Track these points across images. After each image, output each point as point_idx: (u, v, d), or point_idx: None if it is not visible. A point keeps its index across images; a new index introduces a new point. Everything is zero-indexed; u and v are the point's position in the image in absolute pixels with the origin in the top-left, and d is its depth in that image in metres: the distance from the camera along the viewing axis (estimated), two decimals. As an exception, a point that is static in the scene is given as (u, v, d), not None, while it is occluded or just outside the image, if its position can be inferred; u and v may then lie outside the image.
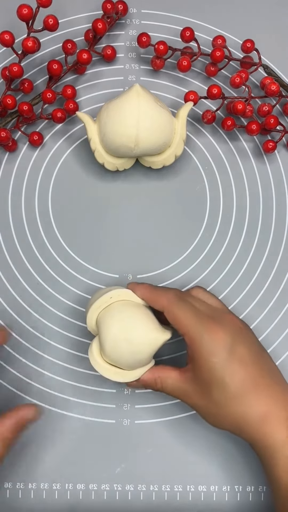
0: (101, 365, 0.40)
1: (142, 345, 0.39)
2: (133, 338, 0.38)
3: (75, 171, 0.48)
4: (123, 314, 0.39)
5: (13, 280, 0.46)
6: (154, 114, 0.42)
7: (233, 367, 0.36)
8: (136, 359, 0.39)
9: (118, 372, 0.40)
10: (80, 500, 0.45)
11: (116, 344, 0.39)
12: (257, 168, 0.48)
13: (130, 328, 0.39)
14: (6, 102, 0.45)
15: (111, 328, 0.39)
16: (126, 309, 0.40)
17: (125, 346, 0.38)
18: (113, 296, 0.40)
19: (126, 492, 0.45)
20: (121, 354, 0.39)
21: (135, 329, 0.39)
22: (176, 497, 0.45)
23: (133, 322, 0.39)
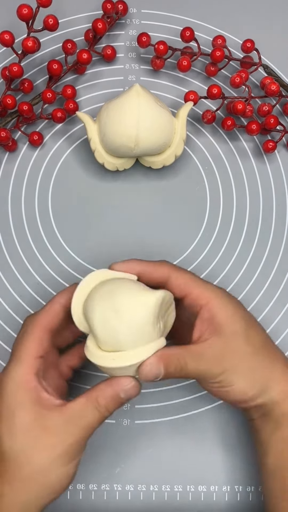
0: (95, 353, 0.35)
1: (132, 310, 0.34)
2: (119, 305, 0.34)
3: (75, 171, 0.48)
4: (104, 288, 0.35)
5: (13, 280, 0.46)
6: (154, 114, 0.42)
7: (254, 330, 0.38)
8: (133, 331, 0.34)
9: (117, 356, 0.34)
10: (80, 500, 0.45)
11: (105, 321, 0.34)
12: (257, 168, 0.48)
13: (113, 297, 0.34)
14: (6, 102, 0.45)
15: (94, 306, 0.35)
16: (106, 284, 0.36)
17: (114, 317, 0.34)
18: (90, 280, 0.37)
19: (126, 492, 0.45)
20: (114, 330, 0.34)
21: (119, 295, 0.34)
22: (176, 497, 0.45)
23: (116, 290, 0.35)
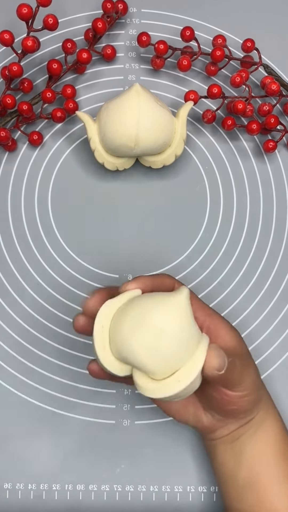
0: (155, 388, 0.31)
1: (171, 321, 0.31)
2: (156, 324, 0.30)
3: (75, 171, 0.47)
4: (127, 319, 0.31)
5: (13, 280, 0.46)
6: (154, 114, 0.42)
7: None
8: (183, 341, 0.31)
9: (181, 375, 0.31)
10: (80, 500, 0.45)
11: (151, 350, 0.30)
12: (258, 167, 0.48)
13: (144, 319, 0.31)
14: (6, 101, 0.44)
15: (130, 341, 0.31)
16: (124, 314, 0.32)
17: (158, 340, 0.30)
18: (103, 322, 0.32)
19: (126, 493, 0.45)
20: (165, 353, 0.30)
21: (149, 315, 0.31)
22: (176, 498, 0.45)
23: (142, 311, 0.31)
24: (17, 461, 0.45)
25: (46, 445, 0.45)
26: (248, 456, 0.38)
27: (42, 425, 0.45)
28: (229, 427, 0.38)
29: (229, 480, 0.39)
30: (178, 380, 0.31)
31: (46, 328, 0.46)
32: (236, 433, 0.38)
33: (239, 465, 0.38)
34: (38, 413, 0.45)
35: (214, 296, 0.47)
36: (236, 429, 0.38)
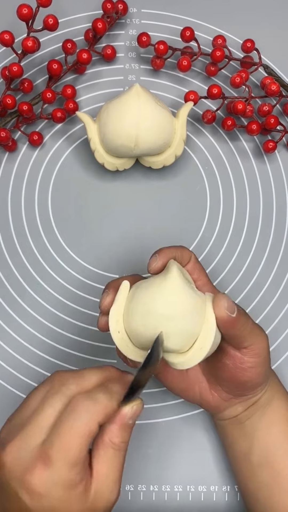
0: (185, 360, 0.34)
1: (174, 300, 0.33)
2: (161, 309, 0.33)
3: (75, 171, 0.47)
4: (135, 315, 0.34)
5: (13, 280, 0.46)
6: (154, 114, 0.42)
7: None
8: (193, 312, 0.33)
9: (202, 342, 0.33)
10: (80, 500, 0.45)
11: (165, 328, 0.33)
12: (257, 168, 0.48)
13: (150, 310, 0.33)
14: (6, 102, 0.44)
15: (147, 330, 0.33)
16: (130, 303, 0.34)
17: (167, 321, 0.33)
18: (116, 323, 0.35)
19: (126, 492, 0.45)
20: (181, 331, 0.33)
21: (153, 303, 0.33)
22: (176, 497, 0.45)
23: (146, 302, 0.33)
24: (17, 461, 0.45)
25: (46, 445, 0.45)
26: (260, 436, 0.39)
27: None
28: (237, 407, 0.39)
29: (242, 459, 0.40)
30: (200, 347, 0.33)
31: (46, 328, 0.46)
32: (245, 415, 0.39)
33: (251, 444, 0.39)
34: (38, 413, 0.45)
35: (214, 296, 0.47)
36: (244, 410, 0.39)
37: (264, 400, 0.39)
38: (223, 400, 0.39)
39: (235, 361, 0.36)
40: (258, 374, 0.37)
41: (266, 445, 0.39)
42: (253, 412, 0.39)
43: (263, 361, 0.37)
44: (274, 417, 0.39)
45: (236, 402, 0.39)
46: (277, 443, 0.39)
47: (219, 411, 0.40)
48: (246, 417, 0.39)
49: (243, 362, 0.36)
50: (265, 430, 0.39)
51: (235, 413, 0.39)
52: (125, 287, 0.35)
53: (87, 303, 0.46)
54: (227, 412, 0.40)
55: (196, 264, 0.38)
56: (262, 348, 0.36)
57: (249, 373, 0.36)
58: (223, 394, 0.39)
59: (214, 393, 0.39)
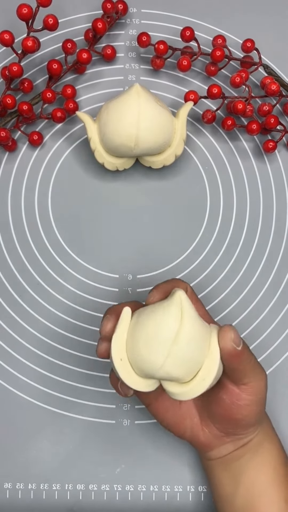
0: (186, 391, 0.33)
1: (180, 327, 0.32)
2: (167, 335, 0.32)
3: (75, 171, 0.47)
4: (139, 344, 0.33)
5: (13, 280, 0.46)
6: (154, 114, 0.42)
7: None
8: (197, 340, 0.32)
9: (206, 373, 0.33)
10: (80, 500, 0.45)
11: (175, 359, 0.32)
12: (257, 168, 0.48)
13: (155, 335, 0.32)
14: (6, 101, 0.44)
15: (155, 358, 0.32)
16: (134, 341, 0.33)
17: (176, 345, 0.32)
18: (119, 350, 0.34)
19: (126, 493, 0.45)
20: (185, 357, 0.32)
21: (158, 330, 0.32)
22: (176, 498, 0.45)
23: (149, 330, 0.33)
24: (17, 461, 0.45)
25: (46, 445, 0.45)
26: (246, 478, 0.38)
27: (42, 425, 0.45)
28: (227, 447, 0.38)
29: (226, 501, 0.39)
30: (203, 379, 0.33)
31: (46, 328, 0.46)
32: (234, 455, 0.38)
33: (237, 487, 0.38)
34: (39, 413, 0.45)
35: (214, 296, 0.47)
36: (234, 450, 0.38)
37: (255, 442, 0.38)
38: (214, 437, 0.38)
39: (232, 397, 0.36)
40: (253, 413, 0.36)
41: (251, 490, 0.38)
42: (242, 454, 0.38)
43: (260, 400, 0.36)
44: (262, 462, 0.38)
45: (227, 441, 0.38)
46: (262, 489, 0.38)
47: (208, 449, 0.39)
48: (234, 459, 0.38)
49: (240, 399, 0.36)
50: (252, 475, 0.38)
51: (224, 453, 0.39)
52: (127, 313, 0.34)
53: (87, 303, 0.46)
54: (216, 451, 0.39)
55: (193, 295, 0.37)
56: (261, 387, 0.36)
57: (244, 411, 0.36)
58: (214, 431, 0.38)
59: (205, 429, 0.38)
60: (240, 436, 0.38)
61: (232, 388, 0.36)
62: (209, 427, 0.38)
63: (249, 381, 0.35)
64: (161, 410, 0.39)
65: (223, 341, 0.33)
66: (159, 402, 0.38)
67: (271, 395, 0.43)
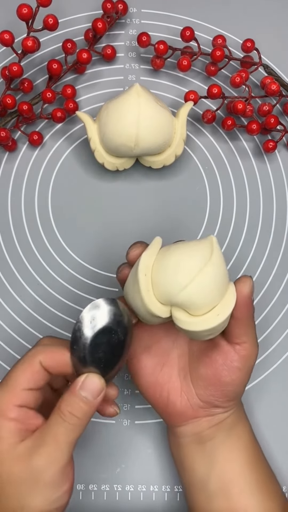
0: (196, 321, 0.34)
1: (213, 260, 0.33)
2: (196, 265, 0.33)
3: (75, 171, 0.47)
4: (170, 262, 0.34)
5: (13, 280, 0.46)
6: (154, 114, 0.42)
7: None
8: (221, 276, 0.34)
9: (220, 309, 0.34)
10: (80, 500, 0.45)
11: (199, 286, 0.33)
12: (257, 167, 0.48)
13: (183, 261, 0.34)
14: (6, 101, 0.44)
15: (179, 280, 0.33)
16: (165, 258, 0.35)
17: (200, 276, 0.33)
18: (146, 267, 0.34)
19: (126, 493, 0.45)
20: (208, 287, 0.33)
21: (187, 260, 0.33)
22: (176, 497, 0.45)
23: (181, 256, 0.34)
24: (17, 461, 0.45)
25: (46, 445, 0.45)
26: (220, 461, 0.38)
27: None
28: (201, 423, 0.38)
29: (198, 485, 0.38)
30: (217, 314, 0.34)
31: (46, 328, 0.46)
32: (208, 434, 0.38)
33: (210, 470, 0.38)
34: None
35: (214, 296, 0.47)
36: (207, 429, 0.38)
37: (228, 423, 0.38)
38: (191, 407, 0.38)
39: (226, 358, 0.36)
40: (239, 380, 0.37)
41: (225, 472, 0.38)
42: (217, 433, 0.38)
43: (249, 368, 0.37)
44: (236, 444, 0.38)
45: (202, 415, 0.38)
46: (237, 472, 0.38)
47: (181, 421, 0.38)
48: (208, 437, 0.38)
49: (233, 360, 0.36)
50: (226, 456, 0.38)
51: (198, 430, 0.38)
52: (158, 241, 0.36)
53: (87, 303, 0.46)
54: (189, 427, 0.38)
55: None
56: (253, 352, 0.37)
57: (234, 375, 0.36)
58: (194, 398, 0.37)
59: (184, 396, 0.38)
60: (217, 411, 0.38)
61: (228, 348, 0.36)
62: (189, 394, 0.38)
63: (245, 341, 0.36)
64: (143, 365, 0.38)
65: (243, 285, 0.35)
66: (144, 357, 0.38)
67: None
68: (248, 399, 0.45)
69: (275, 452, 0.45)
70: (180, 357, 0.39)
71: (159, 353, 0.38)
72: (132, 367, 0.38)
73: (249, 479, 0.38)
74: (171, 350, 0.39)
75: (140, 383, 0.38)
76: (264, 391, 0.46)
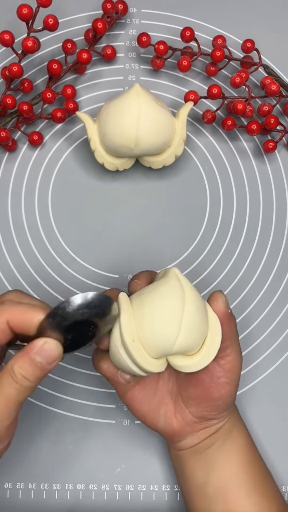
0: (193, 363, 0.34)
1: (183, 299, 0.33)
2: (171, 309, 0.33)
3: (75, 171, 0.47)
4: (146, 317, 0.34)
5: (13, 280, 0.46)
6: (154, 114, 0.42)
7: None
8: (200, 312, 0.34)
9: (210, 345, 0.35)
10: (80, 500, 0.45)
11: (187, 331, 0.33)
12: (257, 168, 0.48)
13: (156, 308, 0.33)
14: (6, 102, 0.44)
15: (167, 331, 0.33)
16: (138, 310, 0.34)
17: (183, 317, 0.33)
18: (130, 331, 0.34)
19: (126, 492, 0.45)
20: (194, 329, 0.33)
21: (160, 304, 0.33)
22: (176, 497, 0.45)
23: (155, 304, 0.34)
24: (17, 460, 0.45)
25: (47, 444, 0.45)
26: (218, 466, 0.39)
27: (43, 425, 0.45)
28: (198, 435, 0.39)
29: (198, 491, 0.39)
30: (212, 344, 0.34)
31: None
32: (206, 443, 0.39)
33: (208, 475, 0.39)
34: (39, 413, 0.45)
35: (214, 296, 0.47)
36: (206, 439, 0.39)
37: (226, 429, 0.39)
38: (187, 424, 0.38)
39: (212, 376, 0.37)
40: (229, 393, 0.37)
41: (223, 476, 0.38)
42: (214, 440, 0.39)
43: (236, 380, 0.37)
44: (233, 448, 0.39)
45: (199, 429, 0.39)
46: (234, 474, 0.39)
47: (180, 438, 0.39)
48: (206, 446, 0.39)
49: (219, 377, 0.37)
50: (224, 460, 0.39)
51: (196, 442, 0.39)
52: (125, 297, 0.35)
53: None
54: (188, 440, 0.39)
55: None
56: (238, 364, 0.37)
57: (222, 389, 0.37)
58: (188, 416, 0.38)
59: (178, 416, 0.38)
60: (212, 422, 0.39)
61: (212, 365, 0.36)
62: (183, 413, 0.38)
63: (229, 354, 0.36)
64: (136, 398, 0.39)
65: (216, 303, 0.35)
66: (135, 391, 0.39)
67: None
68: (241, 403, 0.45)
69: (270, 453, 0.45)
70: (168, 380, 0.40)
71: (148, 382, 0.39)
72: (126, 402, 0.39)
73: (245, 481, 0.38)
74: (158, 377, 0.40)
75: (137, 414, 0.39)
76: (258, 394, 0.46)
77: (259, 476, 0.39)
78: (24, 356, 0.32)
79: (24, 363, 0.32)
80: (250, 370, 0.46)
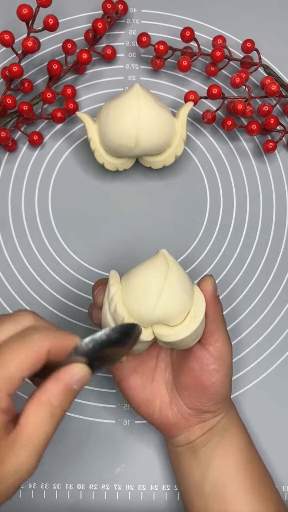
0: (176, 331, 0.35)
1: (168, 272, 0.35)
2: (154, 279, 0.35)
3: (75, 171, 0.48)
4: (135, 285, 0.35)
5: (13, 280, 0.46)
6: (154, 114, 0.42)
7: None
8: (186, 283, 0.36)
9: (195, 313, 0.36)
10: (80, 500, 0.45)
11: (169, 299, 0.34)
12: (257, 168, 0.48)
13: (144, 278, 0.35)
14: (6, 102, 0.44)
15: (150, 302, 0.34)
16: (126, 283, 0.36)
17: (165, 288, 0.34)
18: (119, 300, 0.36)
19: (126, 492, 0.45)
20: (176, 298, 0.35)
21: (146, 277, 0.35)
22: (176, 497, 0.45)
23: (141, 275, 0.36)
24: (17, 460, 0.45)
25: (46, 444, 0.45)
26: (215, 464, 0.39)
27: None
28: (194, 431, 0.39)
29: (195, 489, 0.39)
30: (194, 316, 0.35)
31: (46, 328, 0.46)
32: (202, 440, 0.39)
33: (205, 473, 0.39)
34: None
35: (214, 296, 0.47)
36: (202, 435, 0.39)
37: (222, 426, 0.39)
38: (182, 416, 0.38)
39: (202, 363, 0.37)
40: (220, 382, 0.37)
41: (219, 475, 0.38)
42: (210, 438, 0.39)
43: (226, 367, 0.37)
44: (230, 447, 0.39)
45: (195, 423, 0.39)
46: (231, 474, 0.38)
47: (176, 431, 0.39)
48: (202, 444, 0.39)
49: (209, 364, 0.37)
50: (220, 459, 0.39)
51: (192, 438, 0.39)
52: (115, 273, 0.37)
53: (87, 303, 0.46)
54: (184, 436, 0.39)
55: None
56: (227, 352, 0.37)
57: (212, 377, 0.37)
58: (183, 408, 0.38)
59: (174, 408, 0.39)
60: (207, 416, 0.39)
61: (201, 352, 0.37)
62: (178, 404, 0.39)
63: (217, 340, 0.37)
64: (132, 386, 0.39)
65: (205, 284, 0.36)
66: (132, 379, 0.39)
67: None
68: (240, 403, 0.45)
69: (270, 454, 0.45)
70: (165, 371, 0.40)
71: (146, 371, 0.39)
72: (122, 389, 0.39)
73: (242, 481, 0.38)
74: (156, 366, 0.40)
75: (132, 402, 0.39)
76: (258, 394, 0.46)
77: (257, 476, 0.39)
78: (61, 386, 0.30)
79: (63, 396, 0.30)
80: (250, 370, 0.46)
